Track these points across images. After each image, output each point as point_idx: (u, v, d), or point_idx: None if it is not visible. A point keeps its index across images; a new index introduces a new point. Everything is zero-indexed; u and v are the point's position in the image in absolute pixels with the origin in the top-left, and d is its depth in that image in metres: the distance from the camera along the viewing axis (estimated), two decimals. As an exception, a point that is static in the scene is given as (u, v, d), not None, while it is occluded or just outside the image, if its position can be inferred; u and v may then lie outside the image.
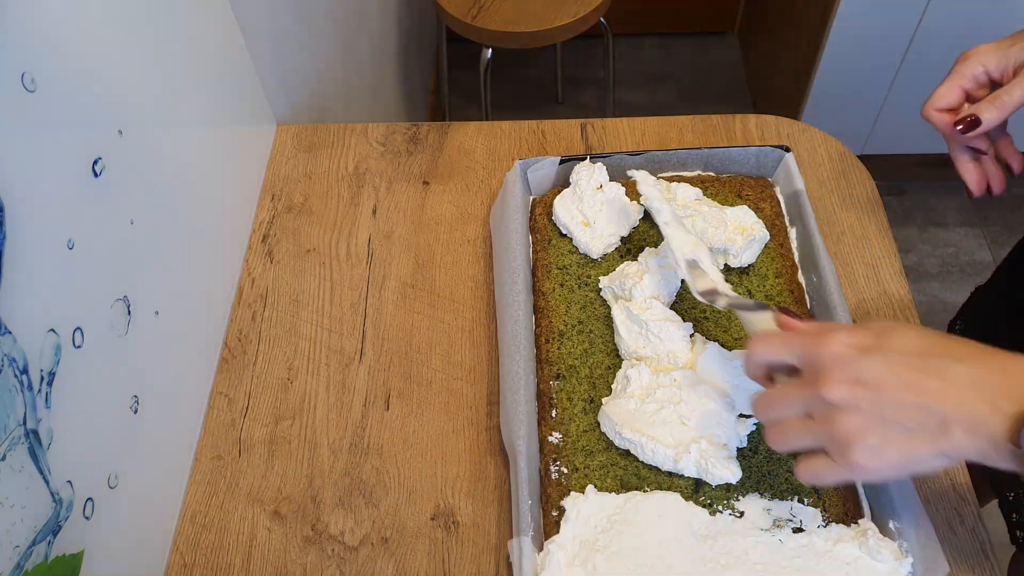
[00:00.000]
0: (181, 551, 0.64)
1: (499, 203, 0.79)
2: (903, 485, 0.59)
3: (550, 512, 0.61)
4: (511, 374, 0.66)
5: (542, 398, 0.67)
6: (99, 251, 0.53)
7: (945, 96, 0.64)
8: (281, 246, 0.81)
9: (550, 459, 0.63)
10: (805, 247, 0.74)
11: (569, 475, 0.63)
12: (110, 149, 0.54)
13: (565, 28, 1.52)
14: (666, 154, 0.80)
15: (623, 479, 0.62)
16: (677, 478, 0.62)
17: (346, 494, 0.65)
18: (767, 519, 0.60)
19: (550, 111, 2.25)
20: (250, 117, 0.84)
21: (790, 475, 0.62)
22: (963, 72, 0.64)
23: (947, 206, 1.99)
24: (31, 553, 0.45)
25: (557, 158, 0.79)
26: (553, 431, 0.65)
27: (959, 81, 0.64)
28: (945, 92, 0.64)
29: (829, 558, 0.57)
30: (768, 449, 0.62)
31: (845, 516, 0.60)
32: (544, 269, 0.74)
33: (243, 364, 0.73)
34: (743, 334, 0.68)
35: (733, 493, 0.61)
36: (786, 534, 0.59)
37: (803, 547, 0.58)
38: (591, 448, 0.64)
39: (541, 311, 0.71)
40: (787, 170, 0.78)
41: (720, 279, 0.65)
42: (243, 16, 0.79)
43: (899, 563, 0.56)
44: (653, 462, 0.62)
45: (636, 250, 0.75)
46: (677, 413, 0.62)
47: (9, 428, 0.43)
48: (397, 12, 1.69)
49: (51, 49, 0.48)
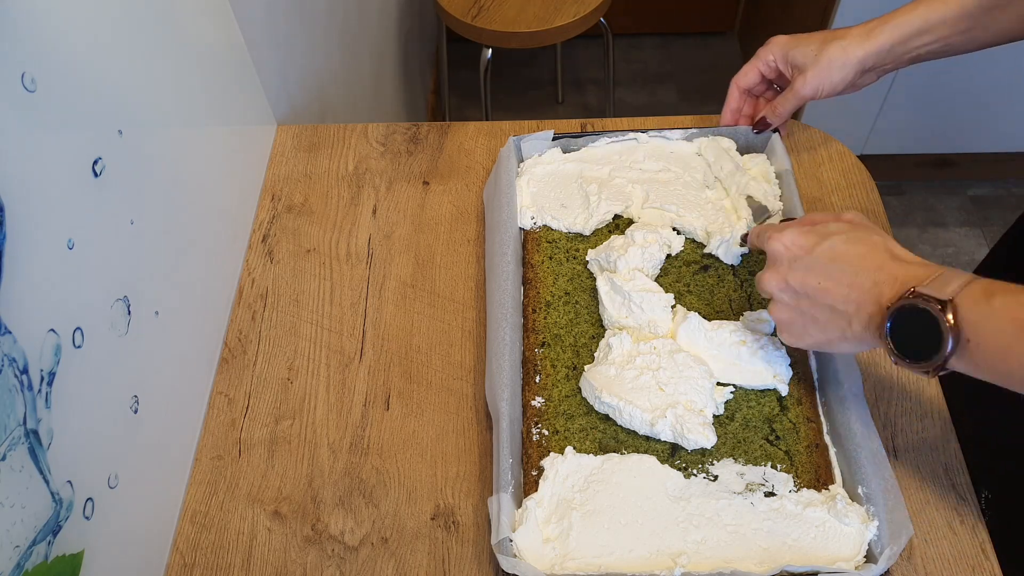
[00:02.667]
0: (181, 551, 0.63)
1: (492, 177, 0.81)
2: (875, 452, 0.61)
3: (530, 471, 0.63)
4: (497, 341, 0.67)
5: (527, 365, 0.68)
6: (99, 251, 0.53)
7: (748, 75, 0.80)
8: (281, 246, 0.81)
9: (532, 422, 0.65)
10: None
11: (550, 437, 0.65)
12: (110, 149, 0.54)
13: (565, 28, 1.52)
14: (659, 133, 0.82)
15: (601, 442, 0.64)
16: (654, 442, 0.64)
17: (346, 494, 0.65)
18: (740, 483, 0.61)
19: (550, 111, 2.25)
20: (250, 117, 0.84)
21: (764, 442, 0.64)
22: (761, 57, 0.78)
23: (947, 206, 1.99)
24: (31, 553, 0.45)
25: (550, 132, 0.82)
26: (536, 396, 0.67)
27: (759, 65, 0.79)
28: (748, 72, 0.79)
29: (798, 521, 0.59)
30: (744, 416, 0.65)
31: (816, 482, 0.62)
32: (534, 242, 0.76)
33: (243, 364, 0.73)
34: (723, 307, 0.71)
35: (708, 458, 0.63)
36: (758, 498, 0.60)
37: (774, 510, 0.60)
38: (572, 412, 0.66)
39: (529, 282, 0.74)
40: (774, 150, 0.80)
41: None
42: (243, 16, 0.79)
43: (865, 526, 0.58)
44: (631, 426, 0.64)
45: (625, 225, 0.77)
46: (656, 379, 0.64)
47: (9, 428, 0.43)
48: (397, 12, 1.69)
49: (51, 49, 0.48)
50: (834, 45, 0.73)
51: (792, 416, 0.64)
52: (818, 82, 0.73)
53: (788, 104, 0.76)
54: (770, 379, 0.65)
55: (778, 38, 0.77)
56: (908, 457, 0.65)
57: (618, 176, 0.79)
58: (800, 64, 0.75)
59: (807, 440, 0.63)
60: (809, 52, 0.74)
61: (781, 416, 0.64)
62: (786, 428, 0.64)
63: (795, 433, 0.64)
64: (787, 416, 0.64)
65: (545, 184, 0.79)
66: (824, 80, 0.73)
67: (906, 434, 0.66)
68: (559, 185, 0.79)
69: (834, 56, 0.72)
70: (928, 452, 0.65)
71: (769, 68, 0.78)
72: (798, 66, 0.75)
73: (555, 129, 0.83)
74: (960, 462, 0.65)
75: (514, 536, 0.58)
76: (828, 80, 0.73)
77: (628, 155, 0.81)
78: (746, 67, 0.79)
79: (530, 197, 0.78)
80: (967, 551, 0.60)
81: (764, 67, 0.78)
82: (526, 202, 0.78)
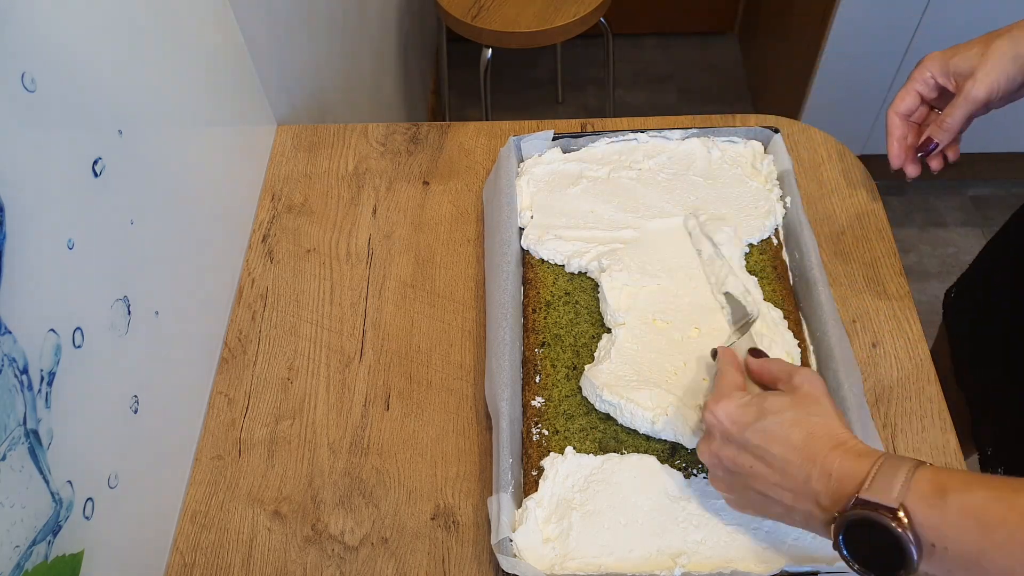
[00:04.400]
0: (181, 551, 0.63)
1: (492, 177, 0.80)
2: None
3: (530, 471, 0.63)
4: (497, 341, 0.67)
5: (527, 365, 0.69)
6: (99, 251, 0.53)
7: (905, 100, 0.71)
8: (281, 246, 0.81)
9: (532, 422, 0.65)
10: (790, 225, 0.76)
11: (550, 437, 0.65)
12: (110, 149, 0.54)
13: (565, 28, 1.52)
14: (659, 133, 0.82)
15: (601, 442, 0.64)
16: (654, 442, 0.64)
17: (346, 494, 0.65)
18: None
19: (550, 111, 2.24)
20: (250, 117, 0.84)
21: None
22: (916, 78, 0.70)
23: (947, 206, 1.99)
24: (31, 553, 0.45)
25: (550, 132, 0.81)
26: (536, 396, 0.67)
27: (915, 86, 0.70)
28: (904, 96, 0.71)
29: None
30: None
31: None
32: None
33: (243, 364, 0.73)
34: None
35: None
36: None
37: None
38: (572, 412, 0.66)
39: (529, 282, 0.74)
40: (776, 150, 0.80)
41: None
42: (243, 16, 0.79)
43: None
44: (632, 425, 0.64)
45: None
46: (657, 378, 0.64)
47: (9, 428, 0.43)
48: (397, 12, 1.69)
49: (51, 49, 0.48)
50: (1001, 39, 0.65)
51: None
52: (992, 79, 0.64)
53: (958, 113, 0.67)
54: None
55: (932, 54, 0.69)
56: (908, 457, 0.65)
57: (616, 196, 0.78)
58: (965, 69, 0.66)
59: (807, 440, 0.63)
60: (972, 54, 0.66)
61: None
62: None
63: (795, 433, 0.64)
64: None
65: (545, 185, 0.79)
66: (999, 75, 0.64)
67: (906, 434, 0.66)
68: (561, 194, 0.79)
69: (1004, 48, 0.64)
70: (928, 452, 0.65)
71: (928, 87, 0.69)
72: (962, 72, 0.66)
73: (555, 129, 0.83)
74: (960, 462, 0.65)
75: (514, 536, 0.58)
76: (1003, 74, 0.64)
77: (628, 155, 0.81)
78: (901, 92, 0.71)
79: (530, 197, 0.78)
80: (967, 551, 0.60)
81: (922, 87, 0.69)
82: (526, 202, 0.78)
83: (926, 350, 0.71)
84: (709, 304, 0.70)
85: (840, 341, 0.66)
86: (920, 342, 0.71)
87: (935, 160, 0.71)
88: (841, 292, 0.74)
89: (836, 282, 0.75)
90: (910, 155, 0.72)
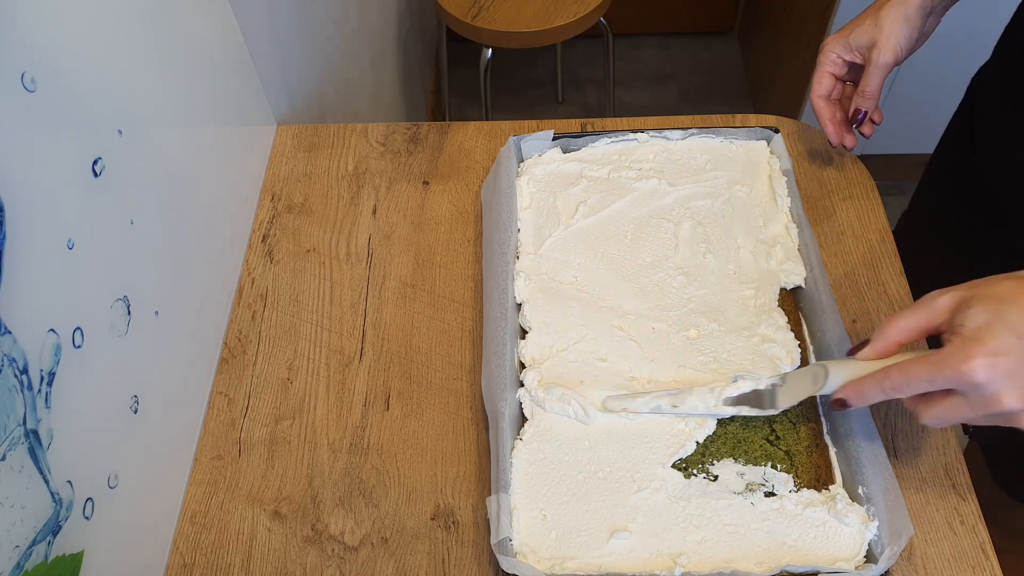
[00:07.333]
0: (181, 551, 0.63)
1: (491, 177, 0.80)
2: (875, 452, 0.60)
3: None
4: (496, 341, 0.67)
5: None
6: (99, 251, 0.53)
7: (822, 83, 0.78)
8: (281, 246, 0.81)
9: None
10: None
11: None
12: (110, 149, 0.54)
13: (565, 28, 1.52)
14: (659, 133, 0.82)
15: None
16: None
17: (346, 494, 0.65)
18: (740, 483, 0.61)
19: (550, 111, 2.24)
20: (250, 117, 0.84)
21: (765, 442, 0.63)
22: (824, 62, 0.77)
23: (947, 206, 1.99)
24: (31, 553, 0.45)
25: (550, 132, 0.81)
26: None
27: (826, 69, 0.77)
28: (820, 80, 0.78)
29: (798, 521, 0.59)
30: (744, 416, 0.63)
31: (816, 482, 0.62)
32: None
33: (243, 364, 0.73)
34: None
35: (708, 458, 0.63)
36: (758, 498, 0.60)
37: (774, 510, 0.60)
38: None
39: None
40: (776, 150, 0.80)
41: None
42: (243, 16, 0.79)
43: (865, 527, 0.58)
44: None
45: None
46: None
47: (9, 428, 0.43)
48: (397, 12, 1.69)
49: (51, 49, 0.48)
50: (888, 6, 0.72)
51: (792, 416, 0.64)
52: (893, 42, 0.72)
53: (874, 81, 0.74)
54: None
55: (831, 37, 0.76)
56: (908, 457, 0.65)
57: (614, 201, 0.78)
58: (866, 42, 0.74)
59: (807, 440, 0.63)
60: (867, 27, 0.73)
61: (781, 416, 0.64)
62: (786, 428, 0.64)
63: (795, 433, 0.64)
64: (787, 416, 0.64)
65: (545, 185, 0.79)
66: (897, 39, 0.72)
67: (906, 434, 0.66)
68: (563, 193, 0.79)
69: (894, 15, 0.72)
70: (928, 452, 0.65)
71: (837, 66, 0.77)
72: (864, 45, 0.74)
73: (555, 129, 0.83)
74: (960, 462, 0.65)
75: (514, 536, 0.58)
76: (901, 36, 0.72)
77: (628, 155, 0.81)
78: (815, 77, 0.78)
79: (529, 197, 0.78)
80: (967, 551, 0.60)
81: (832, 67, 0.77)
82: (526, 202, 0.78)
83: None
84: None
85: (840, 341, 0.66)
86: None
87: (867, 127, 0.78)
88: (841, 292, 0.74)
89: (836, 282, 0.75)
90: (845, 129, 0.78)
